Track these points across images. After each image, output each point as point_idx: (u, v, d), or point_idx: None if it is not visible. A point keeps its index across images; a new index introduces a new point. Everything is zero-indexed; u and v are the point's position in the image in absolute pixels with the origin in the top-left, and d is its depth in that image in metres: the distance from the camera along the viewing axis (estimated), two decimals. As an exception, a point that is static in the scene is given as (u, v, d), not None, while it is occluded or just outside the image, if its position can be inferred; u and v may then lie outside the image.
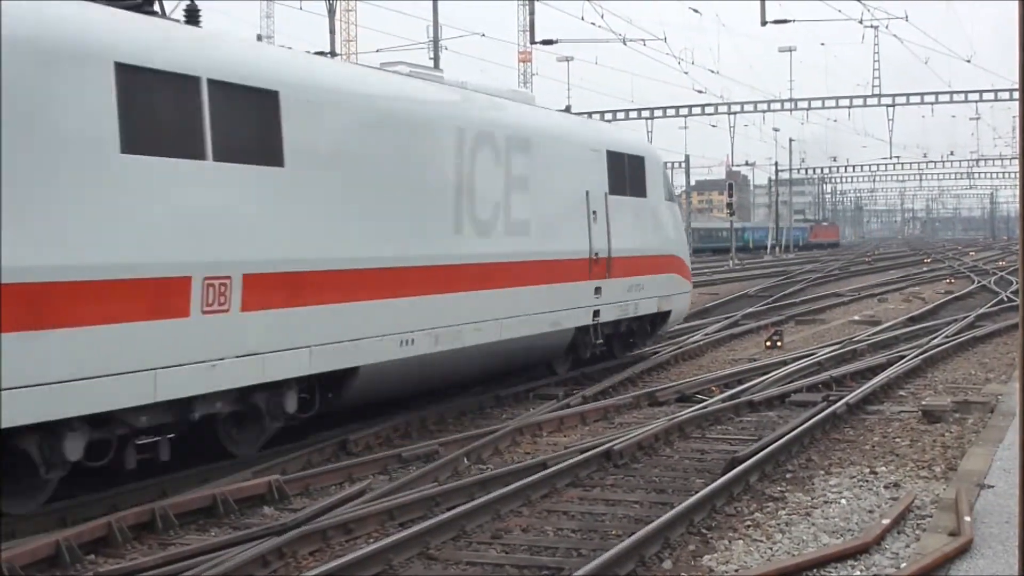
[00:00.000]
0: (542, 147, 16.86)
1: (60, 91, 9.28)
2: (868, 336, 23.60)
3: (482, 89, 16.92)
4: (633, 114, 56.51)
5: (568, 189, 17.53)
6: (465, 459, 12.20)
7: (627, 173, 19.40)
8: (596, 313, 18.09)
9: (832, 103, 57.58)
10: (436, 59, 34.37)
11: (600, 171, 18.54)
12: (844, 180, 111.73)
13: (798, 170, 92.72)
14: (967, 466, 10.90)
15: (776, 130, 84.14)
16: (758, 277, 51.24)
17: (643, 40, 40.44)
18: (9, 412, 8.65)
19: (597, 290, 18.05)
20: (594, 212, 18.08)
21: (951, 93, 55.71)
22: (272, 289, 11.30)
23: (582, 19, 36.76)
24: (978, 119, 77.90)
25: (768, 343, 23.19)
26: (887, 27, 42.49)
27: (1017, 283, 40.15)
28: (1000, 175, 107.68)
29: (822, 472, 11.50)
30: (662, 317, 20.90)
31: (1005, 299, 32.90)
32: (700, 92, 50.08)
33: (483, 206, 15.19)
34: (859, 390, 15.73)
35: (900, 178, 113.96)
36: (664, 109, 57.20)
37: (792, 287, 42.11)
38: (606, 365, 19.45)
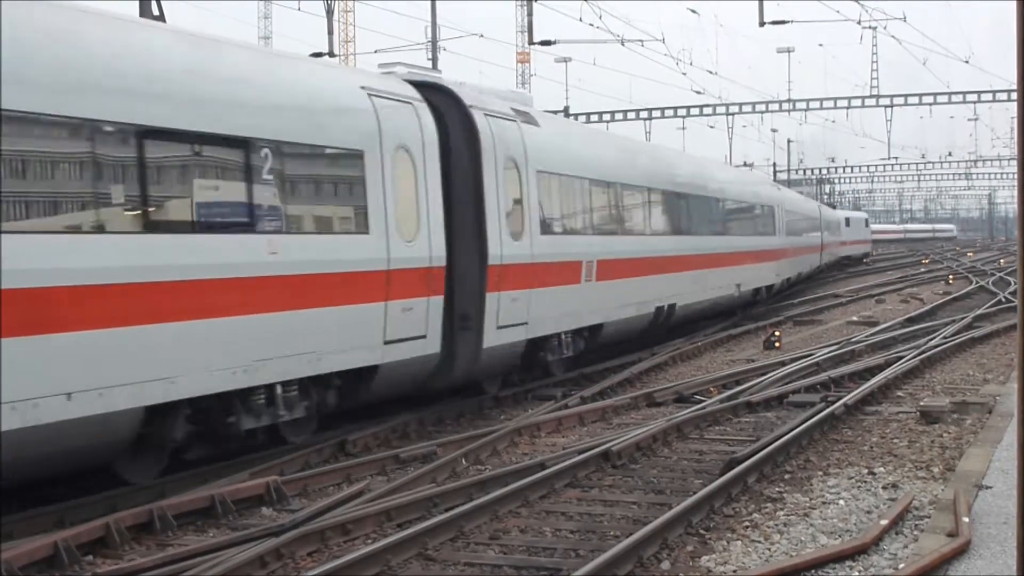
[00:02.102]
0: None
1: None
2: (866, 337, 23.60)
3: (480, 90, 17.03)
4: (631, 115, 56.44)
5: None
6: (463, 460, 12.20)
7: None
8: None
9: (830, 104, 57.54)
10: (434, 60, 34.36)
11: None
12: (842, 181, 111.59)
13: (796, 171, 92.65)
14: (965, 467, 10.90)
15: (774, 131, 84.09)
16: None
17: (641, 41, 40.39)
18: None
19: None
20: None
21: (949, 94, 55.66)
22: None
23: (580, 20, 36.69)
24: (976, 120, 77.78)
25: (766, 344, 23.21)
26: (885, 28, 42.46)
27: (1015, 284, 40.15)
28: (998, 176, 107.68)
29: (820, 473, 11.51)
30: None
31: (1003, 300, 32.91)
32: (698, 93, 49.92)
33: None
34: (857, 391, 15.74)
35: (898, 179, 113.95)
36: (662, 110, 57.10)
37: (790, 287, 42.09)
38: (607, 365, 19.48)
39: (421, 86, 14.95)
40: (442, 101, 15.08)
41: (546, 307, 16.81)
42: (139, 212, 9.98)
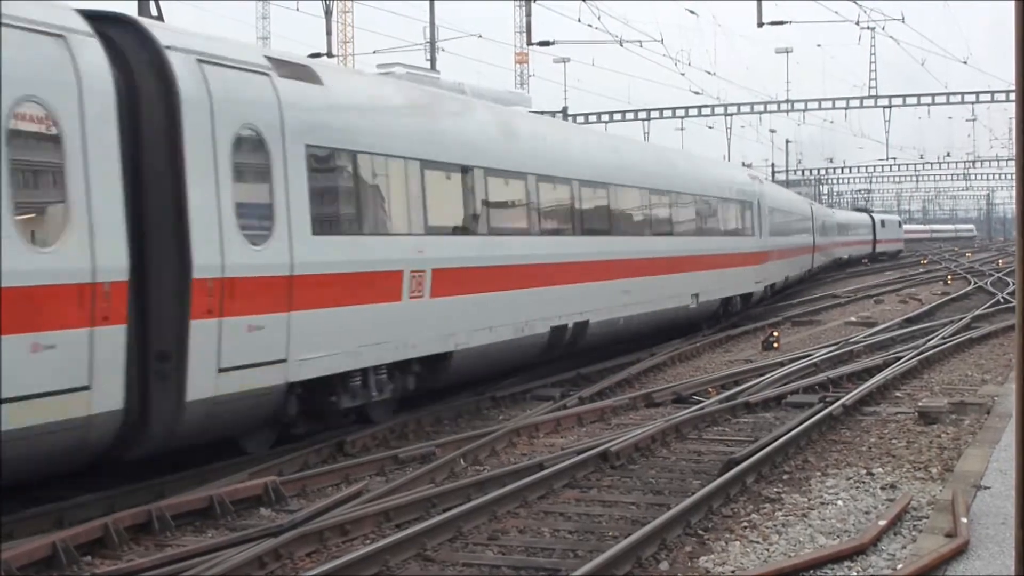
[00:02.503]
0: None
1: None
2: (865, 337, 23.61)
3: (480, 91, 16.99)
4: (630, 115, 56.43)
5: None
6: (462, 460, 12.20)
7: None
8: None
9: (829, 104, 57.53)
10: (433, 60, 34.38)
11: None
12: (841, 181, 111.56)
13: (795, 171, 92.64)
14: (963, 467, 10.91)
15: (773, 131, 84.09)
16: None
17: (640, 41, 40.38)
18: None
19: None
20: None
21: (948, 94, 55.65)
22: None
23: (578, 21, 36.65)
24: (975, 120, 77.78)
25: (765, 345, 23.21)
26: (884, 28, 42.48)
27: (1013, 284, 40.17)
28: (996, 176, 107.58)
29: (819, 473, 11.51)
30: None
31: (1001, 300, 32.92)
32: (697, 93, 49.92)
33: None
34: (855, 391, 15.74)
35: (897, 179, 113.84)
36: (661, 110, 57.07)
37: (789, 289, 42.09)
38: (605, 366, 19.48)
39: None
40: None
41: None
42: None
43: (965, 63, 47.86)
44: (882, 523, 9.03)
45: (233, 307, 11.01)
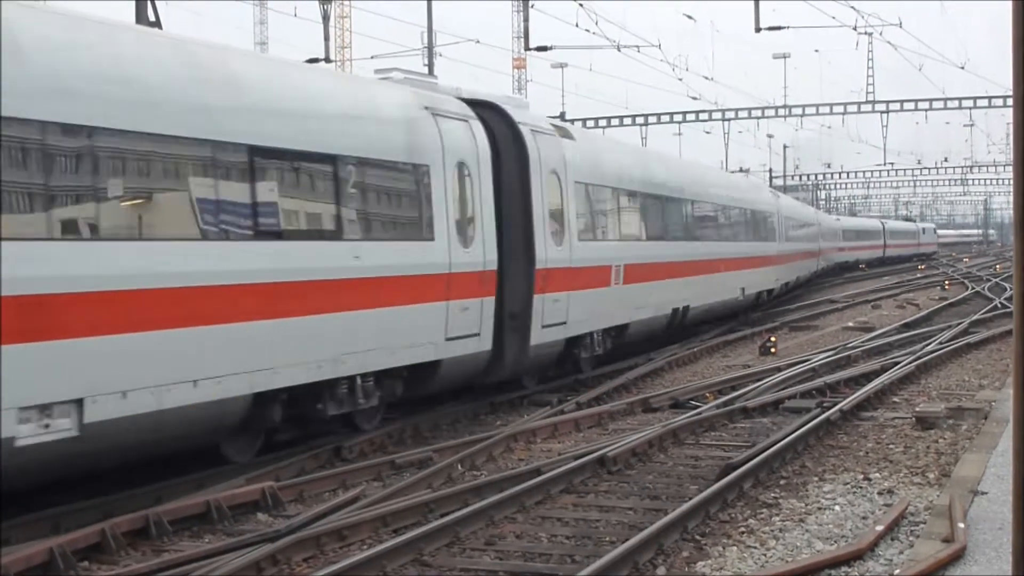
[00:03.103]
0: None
1: None
2: (862, 342, 23.63)
3: (482, 94, 17.13)
4: (628, 121, 56.45)
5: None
6: (459, 465, 12.20)
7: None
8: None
9: (826, 109, 57.57)
10: (431, 66, 34.41)
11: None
12: (838, 186, 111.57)
13: (792, 176, 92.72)
14: (961, 472, 10.91)
15: (770, 136, 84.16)
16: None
17: (637, 47, 40.42)
18: None
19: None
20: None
21: (945, 100, 55.72)
22: None
23: (576, 26, 36.65)
24: (972, 125, 77.93)
25: (762, 350, 23.22)
26: (881, 33, 42.47)
27: (1011, 289, 40.18)
28: (994, 181, 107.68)
29: (816, 478, 11.51)
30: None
31: (999, 305, 32.94)
32: (694, 98, 49.94)
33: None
34: (853, 396, 15.75)
35: (894, 184, 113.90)
36: (659, 116, 57.09)
37: (788, 291, 42.14)
38: (603, 371, 19.51)
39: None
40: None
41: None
42: None
43: (962, 68, 47.91)
44: (879, 528, 9.03)
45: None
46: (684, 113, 57.86)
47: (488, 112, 16.34)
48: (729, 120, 59.58)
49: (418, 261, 13.93)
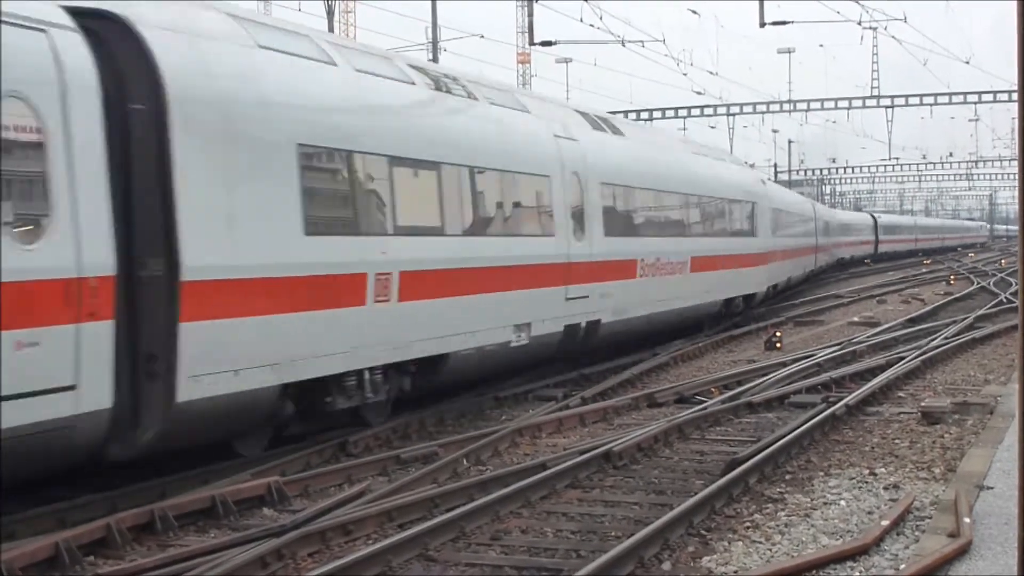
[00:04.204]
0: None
1: None
2: (867, 337, 23.60)
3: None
4: (632, 116, 56.39)
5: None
6: (464, 460, 12.20)
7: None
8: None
9: (831, 104, 57.45)
10: (435, 60, 34.38)
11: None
12: (843, 181, 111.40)
13: (797, 171, 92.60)
14: (966, 467, 10.90)
15: (775, 131, 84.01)
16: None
17: (642, 42, 40.36)
18: None
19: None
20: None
21: (950, 94, 55.54)
22: None
23: (580, 21, 36.64)
24: (977, 120, 77.72)
25: (768, 345, 23.20)
26: (886, 28, 42.34)
27: (1016, 284, 40.15)
28: (999, 176, 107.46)
29: (821, 473, 11.50)
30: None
31: (1004, 300, 32.91)
32: (699, 93, 49.85)
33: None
34: (858, 391, 15.73)
35: (899, 179, 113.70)
36: (663, 110, 57.00)
37: (789, 289, 42.12)
38: (607, 366, 19.50)
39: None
40: None
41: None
42: None
43: (967, 63, 47.79)
44: (885, 523, 9.02)
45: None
46: (689, 108, 57.79)
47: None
48: (734, 115, 59.49)
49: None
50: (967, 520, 8.56)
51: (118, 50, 10.16)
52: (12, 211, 8.88)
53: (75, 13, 9.80)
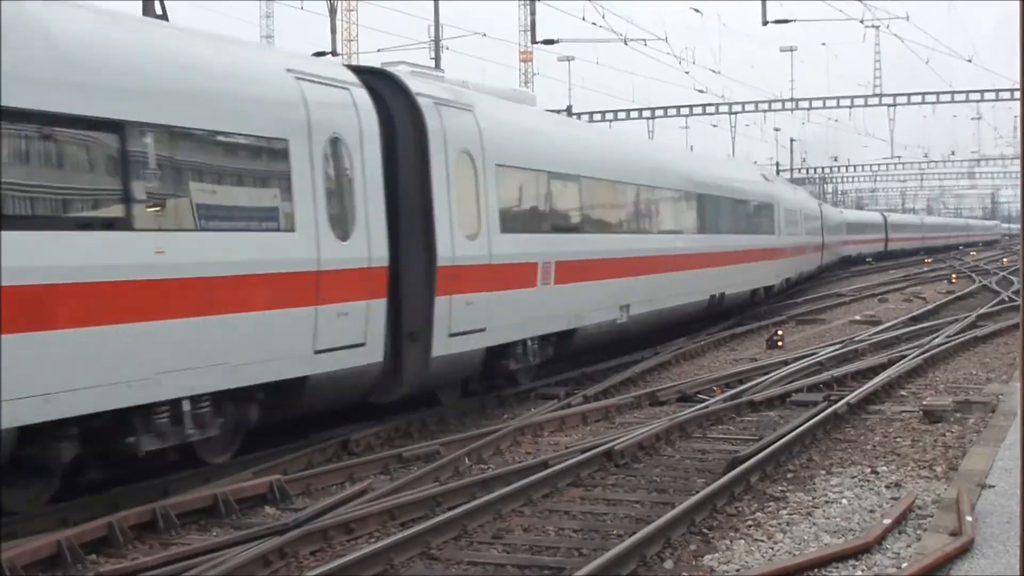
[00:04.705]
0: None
1: None
2: (869, 336, 23.60)
3: (485, 89, 17.07)
4: (634, 114, 56.41)
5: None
6: (466, 459, 12.21)
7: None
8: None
9: (833, 103, 57.51)
10: (437, 59, 34.37)
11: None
12: (845, 180, 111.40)
13: (799, 170, 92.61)
14: (968, 466, 10.90)
15: (777, 130, 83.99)
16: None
17: (644, 40, 40.36)
18: None
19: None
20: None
21: (952, 93, 55.58)
22: None
23: (583, 19, 36.69)
24: (979, 119, 77.90)
25: (769, 343, 23.20)
26: (888, 27, 42.39)
27: (1018, 283, 40.13)
28: (1001, 175, 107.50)
29: (823, 472, 11.50)
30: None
31: (1006, 299, 32.89)
32: (701, 92, 49.89)
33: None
34: (860, 390, 15.73)
35: (901, 178, 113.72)
36: (665, 109, 57.06)
37: (802, 282, 42.09)
38: (609, 364, 19.51)
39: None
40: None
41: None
42: None
43: (970, 61, 47.80)
44: (887, 522, 9.02)
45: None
46: (691, 107, 57.83)
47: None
48: (736, 113, 59.54)
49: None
50: (969, 519, 8.57)
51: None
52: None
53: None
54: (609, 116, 55.31)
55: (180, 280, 10.17)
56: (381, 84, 13.95)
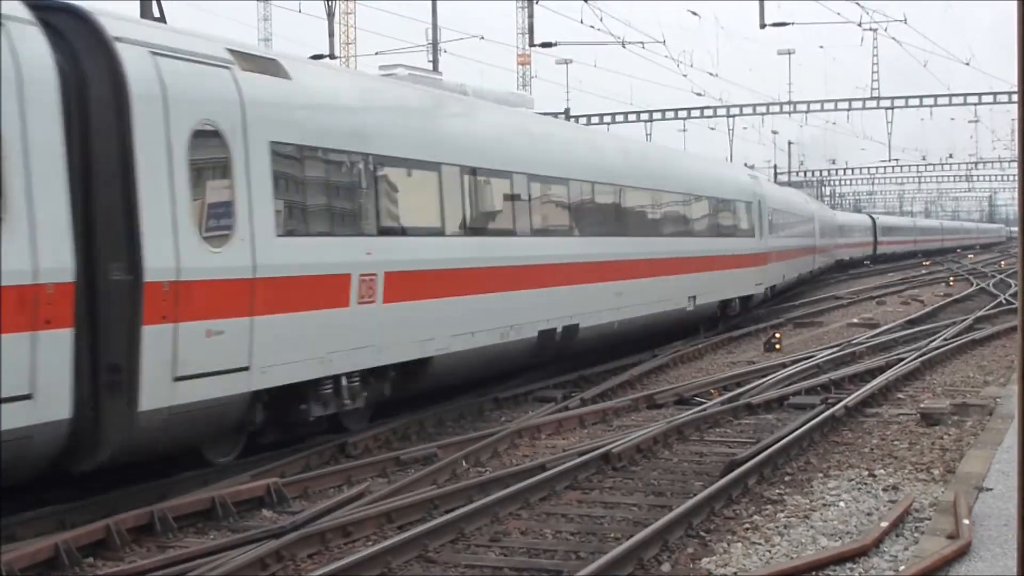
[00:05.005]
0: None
1: None
2: (867, 339, 23.60)
3: (482, 92, 17.02)
4: (632, 117, 56.43)
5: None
6: (464, 462, 12.20)
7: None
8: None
9: (831, 106, 57.52)
10: (435, 62, 34.37)
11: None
12: (843, 183, 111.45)
13: (797, 172, 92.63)
14: (965, 469, 10.90)
15: (775, 132, 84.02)
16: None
17: (642, 43, 40.33)
18: None
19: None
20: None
21: (950, 96, 55.62)
22: None
23: (581, 22, 36.61)
24: (977, 122, 77.80)
25: (767, 346, 23.20)
26: (886, 30, 42.35)
27: (1016, 286, 40.13)
28: (999, 177, 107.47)
29: (820, 475, 11.51)
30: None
31: (1004, 302, 32.90)
32: (699, 95, 49.83)
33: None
34: (857, 393, 15.74)
35: (899, 180, 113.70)
36: (663, 112, 57.08)
37: (791, 289, 42.11)
38: (607, 367, 19.50)
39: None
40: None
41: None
42: None
43: (967, 64, 47.81)
44: (884, 524, 9.03)
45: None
46: (689, 109, 57.86)
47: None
48: (734, 116, 59.58)
49: None
50: (966, 522, 8.57)
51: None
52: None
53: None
54: (607, 119, 55.32)
55: None
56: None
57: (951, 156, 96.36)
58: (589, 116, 54.69)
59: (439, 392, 14.71)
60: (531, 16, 42.16)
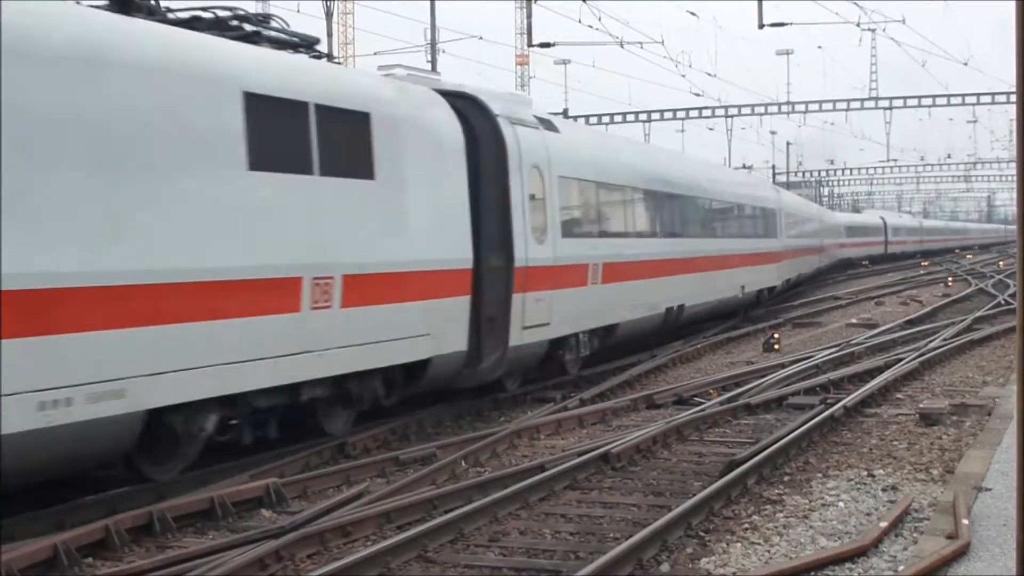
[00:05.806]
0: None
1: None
2: (866, 339, 23.61)
3: (481, 92, 17.05)
4: (631, 117, 56.45)
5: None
6: (463, 462, 12.20)
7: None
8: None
9: (829, 106, 57.57)
10: (433, 62, 34.40)
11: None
12: (841, 183, 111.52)
13: (795, 173, 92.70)
14: (964, 469, 10.91)
15: (773, 133, 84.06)
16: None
17: (640, 43, 40.40)
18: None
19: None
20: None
21: (948, 96, 55.68)
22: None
23: (579, 22, 36.84)
24: (975, 122, 77.86)
25: (766, 346, 23.21)
26: (884, 30, 42.42)
27: (1014, 286, 40.14)
28: (997, 178, 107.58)
29: (820, 475, 11.51)
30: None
31: (1002, 302, 32.92)
32: (697, 95, 49.89)
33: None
34: (856, 393, 15.74)
35: (897, 181, 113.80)
36: (661, 112, 57.11)
37: (791, 289, 42.14)
38: (606, 367, 19.51)
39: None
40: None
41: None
42: None
43: (966, 65, 47.86)
44: (883, 525, 9.03)
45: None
46: (687, 110, 57.90)
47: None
48: (732, 117, 59.62)
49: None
50: (965, 522, 8.57)
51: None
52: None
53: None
54: (606, 119, 55.33)
55: None
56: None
57: (949, 156, 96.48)
58: (588, 116, 54.70)
59: (449, 392, 16.05)
60: (529, 16, 42.26)
